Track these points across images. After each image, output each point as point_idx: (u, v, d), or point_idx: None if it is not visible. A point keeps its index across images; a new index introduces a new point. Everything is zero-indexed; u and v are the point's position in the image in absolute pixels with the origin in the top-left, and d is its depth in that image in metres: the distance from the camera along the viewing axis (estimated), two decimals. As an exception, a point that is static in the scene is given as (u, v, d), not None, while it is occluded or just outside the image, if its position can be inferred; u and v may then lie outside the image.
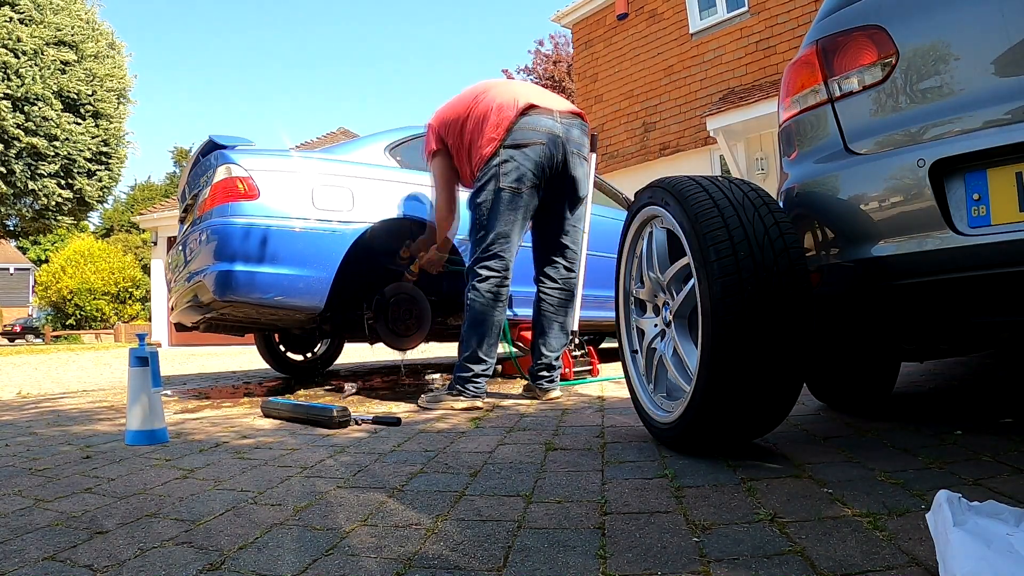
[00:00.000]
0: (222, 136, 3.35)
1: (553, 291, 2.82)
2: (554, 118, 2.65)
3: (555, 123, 2.64)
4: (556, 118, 2.66)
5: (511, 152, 2.57)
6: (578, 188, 2.76)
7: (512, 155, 2.57)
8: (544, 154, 2.59)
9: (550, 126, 2.62)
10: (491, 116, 2.63)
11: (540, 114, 2.63)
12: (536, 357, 2.84)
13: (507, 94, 2.68)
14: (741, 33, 9.77)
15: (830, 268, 1.58)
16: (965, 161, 1.33)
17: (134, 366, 2.13)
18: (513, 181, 2.57)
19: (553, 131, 2.62)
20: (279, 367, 4.72)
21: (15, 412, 3.26)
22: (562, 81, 23.96)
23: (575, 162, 2.70)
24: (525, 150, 2.57)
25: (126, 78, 15.82)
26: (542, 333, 2.82)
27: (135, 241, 39.61)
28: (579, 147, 2.72)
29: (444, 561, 1.01)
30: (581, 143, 2.74)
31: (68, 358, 10.56)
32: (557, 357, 2.83)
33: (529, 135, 2.58)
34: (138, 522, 1.27)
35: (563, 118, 2.69)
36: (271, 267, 3.04)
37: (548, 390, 2.81)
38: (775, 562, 0.94)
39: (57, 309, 29.58)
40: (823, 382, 2.10)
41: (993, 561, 0.71)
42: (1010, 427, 1.69)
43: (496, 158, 2.58)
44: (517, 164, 2.57)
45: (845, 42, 1.60)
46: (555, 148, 2.62)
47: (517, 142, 2.57)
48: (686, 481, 1.37)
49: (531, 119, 2.61)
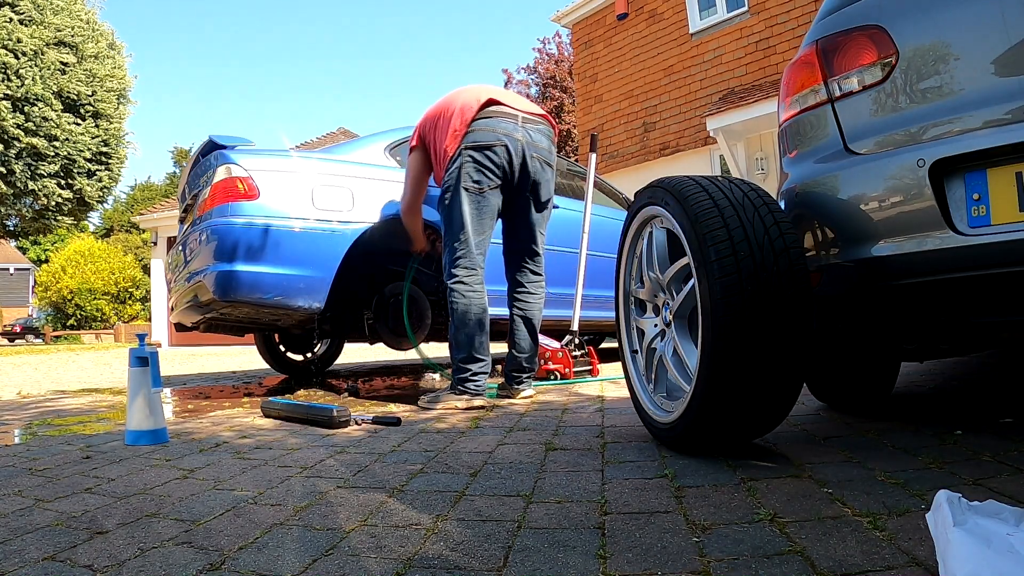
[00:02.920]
0: (222, 136, 3.35)
1: (522, 295, 2.86)
2: (516, 121, 2.67)
3: (516, 126, 2.66)
4: (519, 121, 2.67)
5: (471, 153, 2.59)
6: (540, 192, 2.77)
7: (472, 155, 2.59)
8: (503, 156, 2.61)
9: (510, 129, 2.64)
10: (455, 115, 2.66)
11: (501, 117, 2.64)
12: (509, 358, 2.88)
13: (472, 94, 2.71)
14: (741, 33, 9.77)
15: (830, 268, 1.58)
16: (965, 161, 1.33)
17: (134, 366, 2.13)
18: (474, 182, 2.60)
19: (513, 134, 2.64)
20: (279, 367, 4.72)
21: (15, 412, 3.26)
22: (563, 81, 23.97)
23: (536, 166, 2.71)
24: (485, 151, 2.59)
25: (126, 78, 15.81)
26: (513, 334, 2.85)
27: (135, 241, 39.60)
28: (541, 151, 2.72)
29: (444, 561, 1.01)
30: (545, 147, 2.74)
31: (68, 358, 10.56)
32: (528, 358, 2.85)
33: (488, 136, 2.60)
34: (138, 522, 1.27)
35: (526, 122, 2.70)
36: (271, 267, 3.04)
37: (520, 390, 2.85)
38: (775, 562, 0.94)
39: (57, 309, 29.58)
40: (823, 382, 2.10)
41: (993, 561, 0.71)
42: (1010, 427, 1.69)
43: (458, 159, 2.61)
44: (476, 165, 2.59)
45: (845, 42, 1.60)
46: (515, 151, 2.63)
47: (477, 143, 2.60)
48: (686, 481, 1.37)
49: (491, 121, 2.62)
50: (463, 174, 2.60)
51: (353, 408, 2.61)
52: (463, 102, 2.68)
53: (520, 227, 2.84)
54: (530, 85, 25.45)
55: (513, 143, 2.62)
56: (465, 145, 2.60)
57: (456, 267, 2.64)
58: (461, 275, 2.63)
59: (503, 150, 2.61)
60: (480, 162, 2.59)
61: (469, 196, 2.61)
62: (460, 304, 2.62)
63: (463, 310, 2.62)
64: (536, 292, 2.89)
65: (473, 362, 2.62)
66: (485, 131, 2.61)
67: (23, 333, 30.94)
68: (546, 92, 24.68)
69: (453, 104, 2.72)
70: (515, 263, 2.88)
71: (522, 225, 2.83)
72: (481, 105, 2.63)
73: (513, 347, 2.86)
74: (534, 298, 2.88)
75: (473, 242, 2.64)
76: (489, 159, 2.59)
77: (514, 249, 2.88)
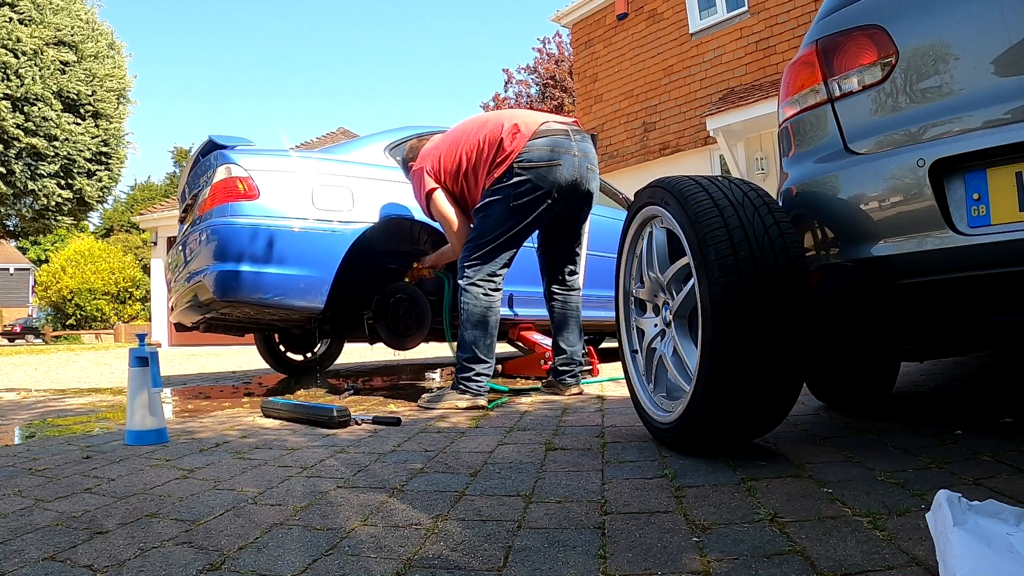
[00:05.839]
0: (222, 136, 3.35)
1: (567, 292, 2.95)
2: (569, 137, 2.69)
3: (570, 142, 2.68)
4: (570, 136, 2.69)
5: (530, 171, 2.59)
6: (591, 201, 2.84)
7: (530, 174, 2.59)
8: (559, 174, 2.62)
9: (567, 146, 2.66)
10: (505, 138, 2.65)
11: (555, 135, 2.66)
12: (557, 353, 2.96)
13: (516, 116, 2.71)
14: (741, 33, 9.77)
15: (830, 268, 1.57)
16: (965, 161, 1.33)
17: (134, 366, 2.13)
18: (526, 200, 2.60)
19: (570, 151, 2.66)
20: (279, 367, 4.71)
21: (16, 412, 3.26)
22: (563, 81, 23.97)
23: (590, 176, 2.76)
24: (542, 170, 2.60)
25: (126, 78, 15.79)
26: (561, 331, 2.93)
27: (135, 241, 39.60)
28: (592, 160, 2.77)
29: (444, 561, 1.01)
30: (593, 155, 2.80)
31: (68, 358, 10.56)
32: (578, 352, 2.93)
33: (547, 155, 2.61)
34: (138, 522, 1.27)
35: (575, 135, 2.72)
36: (271, 267, 3.04)
37: (570, 385, 2.91)
38: (775, 562, 0.94)
39: (57, 309, 29.58)
40: (823, 382, 2.10)
41: (993, 561, 0.71)
42: (1010, 427, 1.69)
43: (513, 176, 2.60)
44: (533, 184, 2.59)
45: (845, 42, 1.60)
46: (571, 167, 2.65)
47: (536, 162, 2.60)
48: (686, 481, 1.37)
49: (548, 140, 2.63)
50: (516, 192, 2.60)
51: (353, 408, 2.61)
52: (512, 126, 2.65)
53: (567, 232, 2.91)
54: (530, 85, 25.47)
55: (570, 159, 2.65)
56: (524, 164, 2.59)
57: (474, 269, 2.66)
58: (476, 278, 2.65)
59: (560, 169, 2.62)
60: (535, 182, 2.59)
61: (515, 212, 2.61)
62: (471, 306, 2.64)
63: (473, 311, 2.64)
64: (577, 287, 2.98)
65: (477, 362, 2.64)
66: (543, 150, 2.61)
67: (23, 333, 30.91)
68: (546, 92, 24.68)
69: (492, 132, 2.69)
70: (558, 265, 2.95)
71: (569, 230, 2.90)
72: (534, 132, 2.63)
73: (564, 342, 2.93)
74: (575, 294, 2.97)
75: (501, 251, 2.67)
76: (545, 177, 2.60)
77: (557, 254, 2.94)
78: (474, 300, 2.63)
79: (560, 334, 2.94)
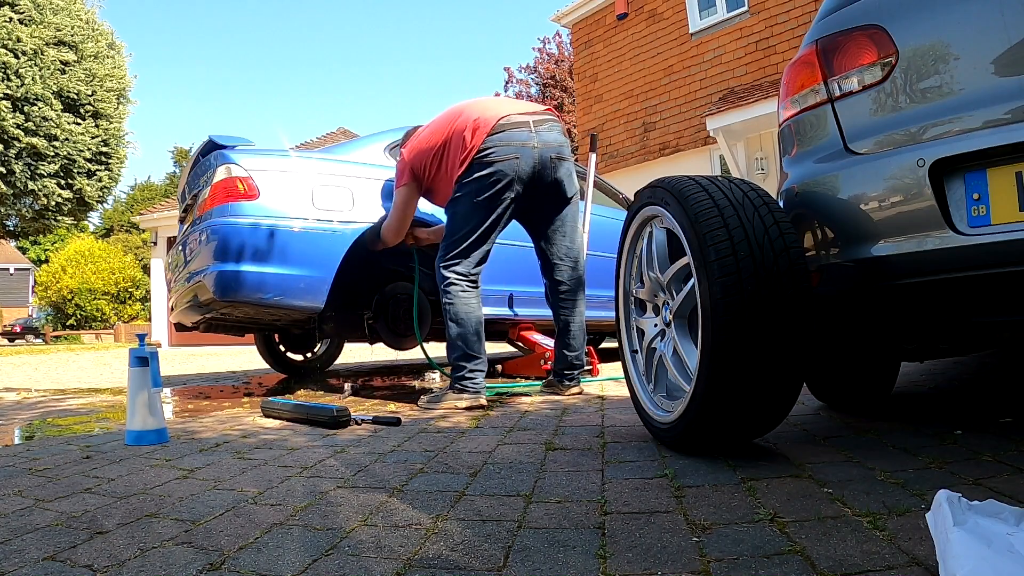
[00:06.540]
0: (222, 136, 3.35)
1: (565, 292, 2.89)
2: (529, 128, 2.67)
3: (530, 134, 2.66)
4: (531, 128, 2.68)
5: (488, 166, 2.59)
6: (562, 190, 2.79)
7: (489, 169, 2.59)
8: (518, 167, 2.62)
9: (524, 138, 2.64)
10: (467, 134, 2.65)
11: (513, 128, 2.65)
12: (558, 356, 2.93)
13: (479, 110, 2.71)
14: (741, 33, 9.77)
15: (830, 268, 1.58)
16: (965, 161, 1.33)
17: (134, 366, 2.13)
18: (489, 195, 2.61)
19: (528, 143, 2.64)
20: (279, 367, 4.72)
21: (16, 412, 3.26)
22: (563, 81, 23.98)
23: (554, 165, 2.72)
24: (499, 165, 2.60)
25: (126, 78, 15.79)
26: (561, 334, 2.91)
27: (135, 241, 39.60)
28: (555, 148, 2.73)
29: (444, 561, 1.01)
30: (558, 143, 2.75)
31: (68, 358, 10.56)
32: (578, 355, 2.91)
33: (505, 150, 2.61)
34: (138, 522, 1.27)
35: (537, 124, 2.70)
36: (271, 267, 3.04)
37: (570, 385, 2.90)
38: (775, 562, 0.94)
39: (57, 309, 29.58)
40: (823, 382, 2.10)
41: (993, 561, 0.71)
42: (1010, 427, 1.69)
43: (475, 171, 2.61)
44: (493, 179, 2.59)
45: (845, 42, 1.60)
46: (530, 159, 2.64)
47: (494, 157, 2.60)
48: (686, 481, 1.37)
49: (505, 135, 2.63)
50: (479, 188, 2.61)
51: (353, 408, 2.61)
52: (473, 122, 2.66)
53: (551, 228, 2.86)
54: (530, 85, 25.48)
55: (528, 152, 2.64)
56: (482, 159, 2.60)
57: (450, 269, 2.67)
58: (454, 277, 2.66)
59: (517, 163, 2.62)
60: (495, 177, 2.59)
61: (478, 207, 2.62)
62: (452, 305, 2.65)
63: (457, 310, 2.65)
64: (576, 285, 2.92)
65: (468, 360, 2.65)
66: (500, 145, 2.61)
67: (23, 333, 30.93)
68: (546, 92, 24.69)
69: (458, 127, 2.71)
70: (552, 263, 2.91)
71: (552, 225, 2.86)
72: (493, 126, 2.62)
73: (564, 346, 2.91)
74: (576, 292, 2.91)
75: (473, 248, 2.67)
76: (504, 171, 2.60)
77: (549, 251, 2.90)
78: (455, 299, 2.65)
79: (563, 339, 2.91)
